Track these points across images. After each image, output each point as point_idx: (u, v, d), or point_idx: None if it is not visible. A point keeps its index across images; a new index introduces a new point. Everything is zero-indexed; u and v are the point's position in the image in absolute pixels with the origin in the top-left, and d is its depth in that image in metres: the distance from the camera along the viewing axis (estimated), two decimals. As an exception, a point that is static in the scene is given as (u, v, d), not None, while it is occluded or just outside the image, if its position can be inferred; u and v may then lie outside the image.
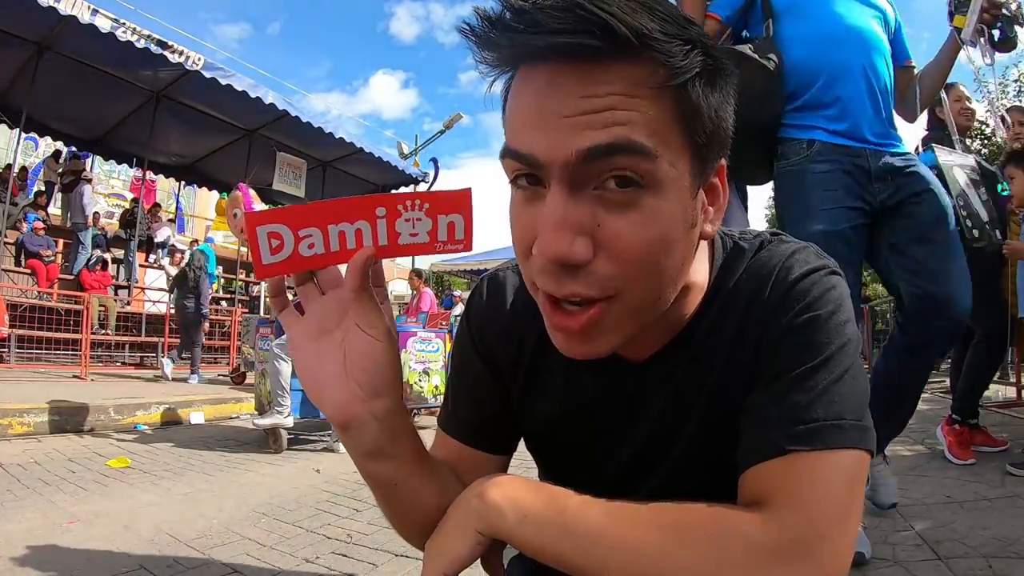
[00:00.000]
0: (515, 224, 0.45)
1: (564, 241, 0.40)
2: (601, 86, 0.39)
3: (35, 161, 11.66)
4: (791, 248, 0.53)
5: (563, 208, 0.40)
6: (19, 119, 6.47)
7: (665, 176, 0.41)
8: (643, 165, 0.40)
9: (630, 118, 0.39)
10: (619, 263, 0.41)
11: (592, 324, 0.44)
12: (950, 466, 2.52)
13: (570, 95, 0.40)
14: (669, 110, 0.41)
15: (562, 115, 0.40)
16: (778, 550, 0.40)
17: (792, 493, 0.42)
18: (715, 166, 0.47)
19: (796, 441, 0.43)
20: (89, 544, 1.82)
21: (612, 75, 0.39)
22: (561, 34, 0.38)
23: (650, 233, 0.41)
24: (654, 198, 0.41)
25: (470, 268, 13.99)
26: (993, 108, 2.85)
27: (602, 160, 0.39)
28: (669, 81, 0.40)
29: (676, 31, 0.40)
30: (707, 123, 0.43)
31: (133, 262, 8.59)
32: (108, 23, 5.56)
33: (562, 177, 0.40)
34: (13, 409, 3.62)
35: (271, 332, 3.99)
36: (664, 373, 0.54)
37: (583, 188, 0.41)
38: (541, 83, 0.41)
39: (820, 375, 0.46)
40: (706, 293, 0.53)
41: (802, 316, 0.48)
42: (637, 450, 0.57)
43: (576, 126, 0.39)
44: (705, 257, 0.54)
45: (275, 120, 7.70)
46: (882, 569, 1.49)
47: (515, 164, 0.43)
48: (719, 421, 0.51)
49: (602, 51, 0.38)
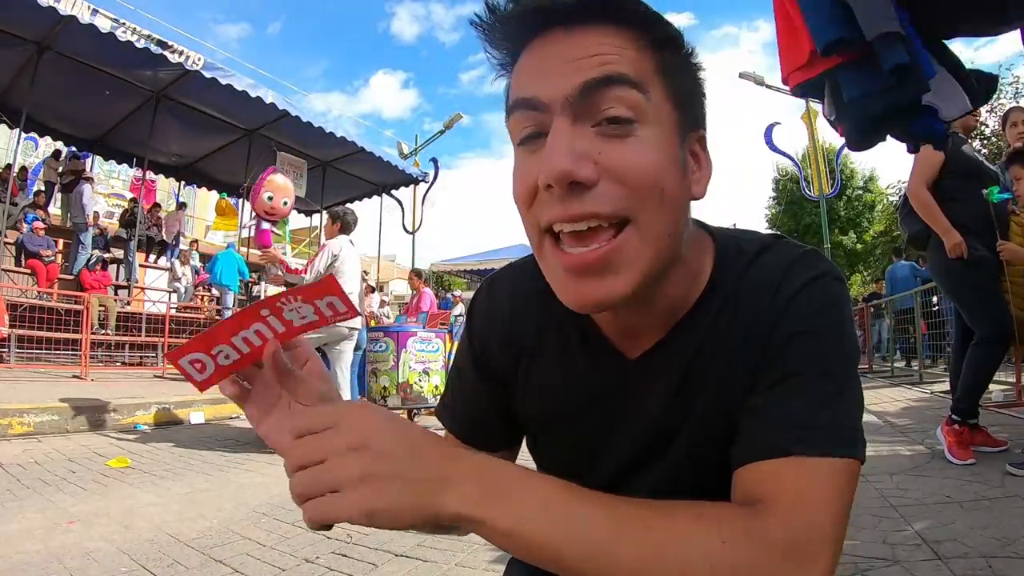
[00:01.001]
0: (519, 174, 0.48)
1: (570, 158, 0.43)
2: (592, 40, 0.45)
3: (35, 161, 11.67)
4: (795, 253, 0.54)
5: (568, 134, 0.44)
6: (19, 119, 6.47)
7: (655, 114, 0.46)
8: (634, 96, 0.44)
9: (619, 60, 0.45)
10: (623, 185, 0.44)
11: (607, 257, 0.44)
12: (950, 466, 2.51)
13: (566, 47, 0.46)
14: (651, 64, 0.46)
15: (560, 59, 0.45)
16: (785, 550, 0.40)
17: (796, 495, 0.43)
18: (696, 131, 0.51)
19: (800, 444, 0.44)
20: (89, 544, 1.82)
21: (601, 33, 0.45)
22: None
23: (647, 159, 0.45)
24: (646, 130, 0.45)
25: (470, 268, 13.99)
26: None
27: (599, 92, 0.44)
28: (649, 43, 0.46)
29: (652, 9, 0.47)
30: (684, 82, 0.49)
31: (133, 262, 8.59)
32: (108, 23, 5.57)
33: (564, 111, 0.44)
34: (13, 409, 3.63)
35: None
36: (661, 369, 0.54)
37: (583, 123, 0.45)
38: (540, 46, 0.47)
39: (825, 382, 0.47)
40: (705, 287, 0.54)
41: (808, 323, 0.49)
42: (633, 446, 0.57)
43: (572, 68, 0.45)
44: (705, 252, 0.55)
45: (275, 120, 7.71)
46: (882, 569, 1.49)
47: (521, 117, 0.47)
48: (716, 419, 0.52)
49: (583, 14, 0.45)
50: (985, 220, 2.63)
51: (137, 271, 8.75)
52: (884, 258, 18.34)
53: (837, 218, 19.91)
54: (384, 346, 4.58)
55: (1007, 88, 12.22)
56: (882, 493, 2.16)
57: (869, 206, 21.09)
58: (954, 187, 2.63)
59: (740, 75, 12.68)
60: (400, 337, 4.61)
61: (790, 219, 21.31)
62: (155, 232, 10.06)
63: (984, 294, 2.62)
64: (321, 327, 0.53)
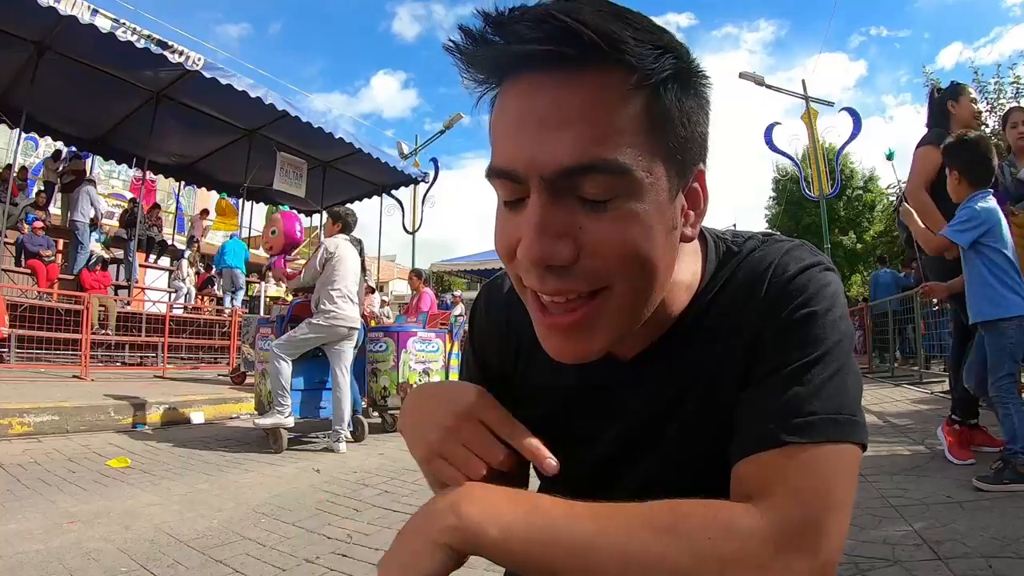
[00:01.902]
0: (499, 232, 0.47)
1: (546, 244, 0.42)
2: (575, 91, 0.41)
3: (35, 161, 11.67)
4: (785, 246, 0.54)
5: (544, 213, 0.42)
6: (19, 119, 6.47)
7: (641, 183, 0.43)
8: (616, 178, 0.42)
9: (601, 131, 0.41)
10: (602, 260, 0.43)
11: (584, 320, 0.45)
12: (950, 466, 2.52)
13: (546, 101, 0.42)
14: (641, 114, 0.42)
15: (540, 125, 0.42)
16: (777, 541, 0.40)
17: (789, 484, 0.42)
18: (693, 171, 0.48)
19: (793, 433, 0.44)
20: (89, 544, 1.82)
21: (585, 79, 0.41)
22: (535, 43, 0.40)
23: (630, 234, 0.43)
24: (631, 202, 0.43)
25: (470, 268, 14.00)
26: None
27: (577, 177, 0.42)
28: (641, 83, 0.42)
29: (646, 37, 0.42)
30: (679, 128, 0.45)
31: (133, 262, 8.59)
32: (108, 23, 5.56)
33: (541, 188, 0.43)
34: (13, 409, 3.62)
35: (271, 332, 3.99)
36: (650, 371, 0.55)
37: (563, 196, 0.43)
38: (521, 92, 0.43)
39: (817, 370, 0.46)
40: (696, 293, 0.54)
41: (799, 312, 0.49)
42: (621, 447, 0.58)
43: (550, 141, 0.41)
44: (694, 258, 0.55)
45: (275, 120, 7.70)
46: (882, 569, 1.49)
47: (502, 184, 0.45)
48: (707, 418, 0.52)
49: (574, 58, 0.40)
50: None
51: (137, 271, 8.75)
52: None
53: (837, 218, 19.89)
54: (384, 346, 4.59)
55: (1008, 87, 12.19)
56: (882, 493, 2.16)
57: (869, 206, 21.07)
58: None
59: (740, 75, 12.69)
60: (400, 337, 4.62)
61: (790, 219, 21.29)
62: (155, 232, 10.06)
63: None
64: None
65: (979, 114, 2.81)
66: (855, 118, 11.95)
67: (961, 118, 2.77)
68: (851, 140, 12.01)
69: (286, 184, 8.52)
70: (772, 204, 23.21)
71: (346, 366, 3.75)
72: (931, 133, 2.81)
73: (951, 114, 2.82)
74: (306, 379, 3.82)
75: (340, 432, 3.58)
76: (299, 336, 3.61)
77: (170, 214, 12.61)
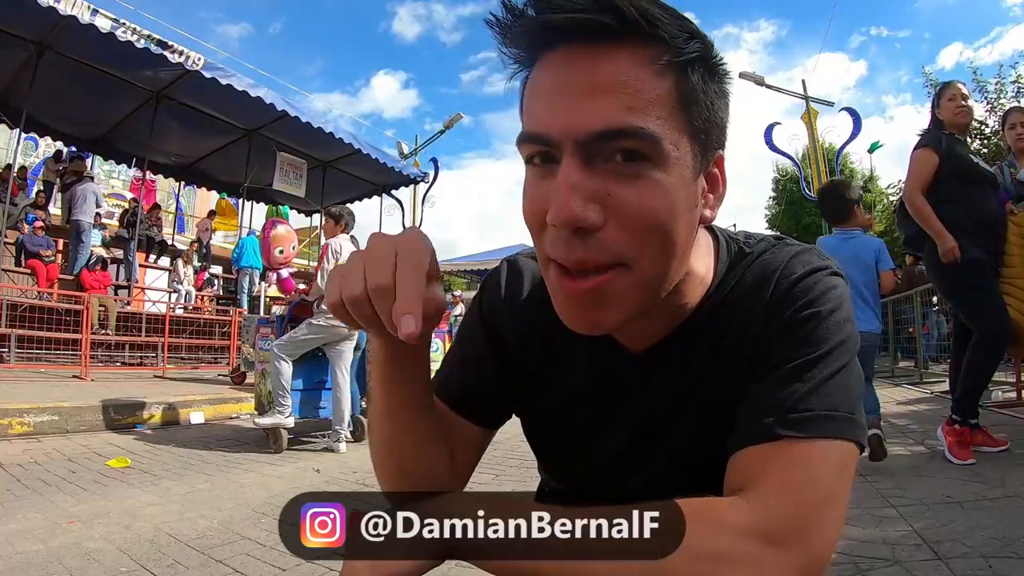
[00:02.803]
0: (528, 199, 0.48)
1: (577, 205, 0.43)
2: (611, 62, 0.43)
3: (35, 161, 11.66)
4: (795, 250, 0.55)
5: (576, 176, 0.43)
6: (19, 119, 6.47)
7: (669, 154, 0.44)
8: (648, 145, 0.43)
9: (635, 102, 0.43)
10: (628, 230, 0.44)
11: (602, 289, 0.45)
12: (950, 466, 2.51)
13: (583, 71, 0.44)
14: (671, 91, 0.44)
15: (576, 92, 0.43)
16: (766, 533, 0.40)
17: (780, 478, 0.43)
18: (714, 154, 0.49)
19: (788, 427, 0.44)
20: (89, 544, 1.82)
21: (622, 53, 0.43)
22: (578, 13, 0.42)
23: (657, 203, 0.44)
24: (659, 172, 0.44)
25: (470, 268, 14.01)
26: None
27: (610, 141, 0.43)
28: (673, 60, 0.44)
29: (677, 21, 0.45)
30: (704, 109, 0.47)
31: (133, 262, 8.59)
32: (108, 23, 5.56)
33: (575, 152, 0.44)
34: (13, 409, 3.62)
35: (271, 332, 3.99)
36: (662, 364, 0.56)
37: (594, 162, 0.44)
38: (557, 63, 0.45)
39: (817, 368, 0.47)
40: (709, 288, 0.55)
41: (803, 312, 0.49)
42: (629, 438, 0.58)
43: (586, 107, 0.43)
44: (709, 252, 0.56)
45: (275, 120, 7.70)
46: (882, 569, 1.49)
47: (531, 147, 0.47)
48: (713, 416, 0.52)
49: (613, 30, 0.42)
50: (981, 221, 2.64)
51: (137, 271, 8.75)
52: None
53: (837, 218, 19.86)
54: None
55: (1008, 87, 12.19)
56: (882, 493, 2.16)
57: (869, 206, 21.07)
58: (949, 189, 2.63)
59: (740, 75, 12.69)
60: None
61: (790, 219, 21.28)
62: (155, 232, 10.06)
63: (980, 294, 2.62)
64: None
65: (967, 110, 2.79)
66: (855, 118, 11.97)
67: (946, 119, 2.78)
68: (851, 140, 12.03)
69: (286, 184, 8.52)
70: (772, 204, 23.21)
71: (346, 366, 3.75)
72: (925, 136, 2.79)
73: (938, 115, 2.82)
74: (306, 379, 3.82)
75: (340, 432, 3.59)
76: (299, 336, 3.62)
77: (170, 214, 12.60)
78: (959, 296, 2.75)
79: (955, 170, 2.64)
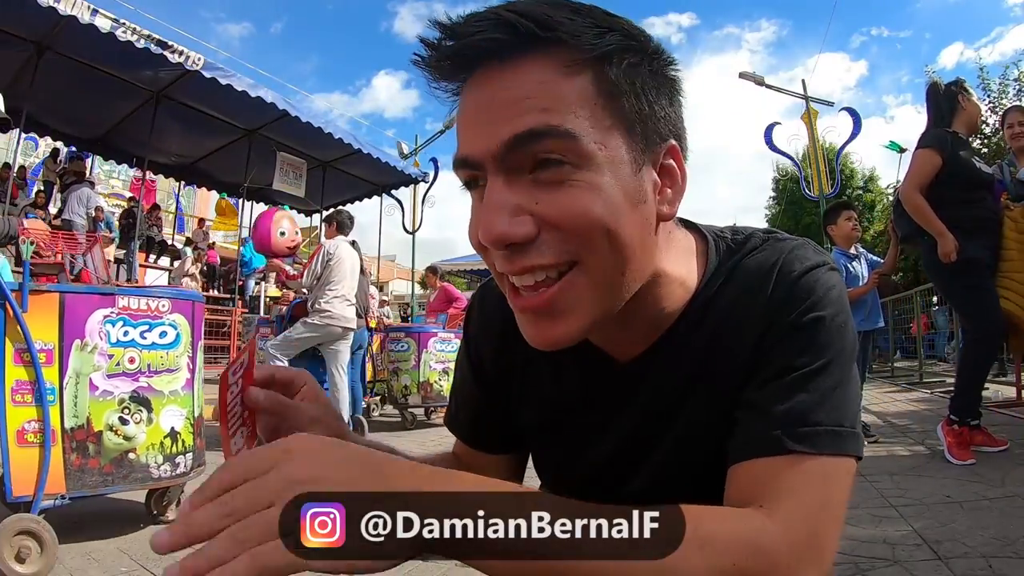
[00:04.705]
0: (471, 223, 0.48)
1: (502, 223, 0.43)
2: (519, 74, 0.43)
3: (35, 161, 11.66)
4: (790, 244, 0.54)
5: (500, 194, 0.44)
6: (19, 119, 6.46)
7: (594, 153, 0.43)
8: (564, 144, 0.43)
9: (547, 104, 0.43)
10: (563, 232, 0.44)
11: (554, 300, 0.45)
12: (950, 466, 2.52)
13: (495, 89, 0.44)
14: (587, 88, 0.44)
15: (490, 110, 0.44)
16: (787, 550, 0.40)
17: (797, 495, 0.43)
18: (662, 146, 0.48)
19: (799, 442, 0.44)
20: (89, 544, 1.82)
21: (528, 63, 0.43)
22: (475, 35, 0.43)
23: (587, 205, 0.43)
24: (585, 172, 0.43)
25: (470, 268, 14.00)
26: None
27: (526, 146, 0.43)
28: (580, 58, 0.43)
29: (587, 20, 0.44)
30: (635, 101, 0.46)
31: (133, 262, 8.59)
32: (108, 23, 5.56)
33: (495, 169, 0.44)
34: (13, 409, 3.61)
35: (271, 331, 4.00)
36: (650, 373, 0.55)
37: (518, 175, 0.44)
38: (473, 87, 0.46)
39: (823, 378, 0.47)
40: (695, 291, 0.54)
41: (807, 315, 0.48)
42: (622, 448, 0.58)
43: (499, 119, 0.43)
44: (689, 255, 0.55)
45: (275, 120, 7.68)
46: (882, 569, 1.49)
47: (462, 172, 0.48)
48: (705, 421, 0.52)
49: (513, 44, 0.43)
50: (979, 221, 2.63)
51: (137, 271, 8.75)
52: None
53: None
54: (406, 346, 4.82)
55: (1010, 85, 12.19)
56: (882, 493, 2.16)
57: (869, 206, 21.06)
58: (949, 190, 2.63)
59: (740, 75, 12.69)
60: (421, 338, 4.85)
61: (790, 219, 21.28)
62: (155, 232, 10.06)
63: (977, 293, 2.62)
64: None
65: (981, 114, 2.81)
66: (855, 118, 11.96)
67: (971, 113, 2.75)
68: (851, 140, 12.01)
69: (286, 184, 8.51)
70: (772, 204, 23.22)
71: (342, 366, 3.76)
72: (930, 136, 2.75)
73: (961, 108, 2.74)
74: (304, 378, 3.83)
75: (339, 432, 3.58)
76: (294, 336, 3.63)
77: (170, 214, 12.60)
78: (954, 294, 2.76)
79: (957, 175, 2.63)
